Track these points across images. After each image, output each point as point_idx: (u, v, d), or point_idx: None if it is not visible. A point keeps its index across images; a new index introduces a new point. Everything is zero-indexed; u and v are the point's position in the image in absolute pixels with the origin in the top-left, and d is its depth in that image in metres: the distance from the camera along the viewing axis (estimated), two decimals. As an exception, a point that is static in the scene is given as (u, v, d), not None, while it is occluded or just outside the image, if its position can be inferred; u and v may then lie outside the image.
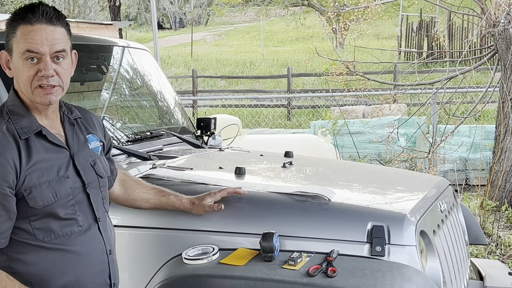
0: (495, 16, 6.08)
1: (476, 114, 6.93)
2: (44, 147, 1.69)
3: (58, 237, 1.68)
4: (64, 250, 1.69)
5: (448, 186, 2.92)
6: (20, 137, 1.65)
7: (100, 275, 1.78)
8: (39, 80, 1.66)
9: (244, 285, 1.92)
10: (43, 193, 1.65)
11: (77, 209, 1.73)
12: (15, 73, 1.70)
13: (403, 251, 2.05)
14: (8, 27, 1.70)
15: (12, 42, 1.68)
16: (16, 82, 1.72)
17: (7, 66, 1.72)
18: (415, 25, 18.06)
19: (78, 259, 1.72)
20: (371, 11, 7.95)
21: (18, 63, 1.67)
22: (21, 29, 1.66)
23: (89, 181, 1.78)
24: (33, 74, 1.66)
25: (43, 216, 1.66)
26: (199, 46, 26.74)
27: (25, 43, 1.65)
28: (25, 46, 1.65)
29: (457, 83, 7.75)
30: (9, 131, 1.65)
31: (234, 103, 15.33)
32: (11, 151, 1.62)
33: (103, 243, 1.80)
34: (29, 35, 1.65)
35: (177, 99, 3.73)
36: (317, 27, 25.71)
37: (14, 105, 1.71)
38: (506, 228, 5.64)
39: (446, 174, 7.33)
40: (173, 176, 2.43)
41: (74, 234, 1.71)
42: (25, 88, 1.68)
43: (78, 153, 1.78)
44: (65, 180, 1.70)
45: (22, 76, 1.67)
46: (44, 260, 1.66)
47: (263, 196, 2.28)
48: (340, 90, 10.36)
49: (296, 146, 4.74)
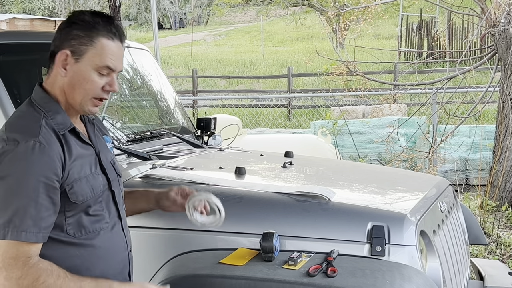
0: (495, 16, 6.08)
1: (476, 114, 6.94)
2: (78, 144, 1.72)
3: (88, 233, 1.70)
4: (92, 246, 1.70)
5: (448, 186, 2.92)
6: (59, 132, 1.67)
7: (122, 272, 1.81)
8: (103, 93, 1.71)
9: (244, 285, 1.92)
10: (83, 188, 1.67)
11: (104, 206, 1.75)
12: (76, 78, 1.69)
13: (403, 251, 2.05)
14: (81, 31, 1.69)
15: (86, 50, 1.68)
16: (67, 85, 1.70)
17: (64, 66, 1.70)
18: (415, 25, 18.06)
19: (104, 255, 1.73)
20: (371, 11, 7.96)
21: (89, 72, 1.68)
22: (103, 42, 1.69)
23: (112, 179, 1.81)
24: (101, 86, 1.70)
25: (78, 211, 1.67)
26: (199, 46, 26.73)
27: (106, 58, 1.69)
28: (106, 62, 1.69)
29: (457, 83, 7.75)
30: (49, 126, 1.66)
31: (234, 103, 15.33)
32: (56, 145, 1.63)
33: (125, 241, 1.83)
34: (110, 51, 1.69)
35: (177, 99, 3.73)
36: (317, 27, 25.70)
37: (46, 102, 1.71)
38: (506, 228, 5.64)
39: (446, 174, 7.33)
40: (173, 176, 2.43)
41: (102, 231, 1.73)
42: (84, 95, 1.70)
43: (101, 151, 1.82)
44: (97, 177, 1.73)
45: (89, 85, 1.68)
46: (73, 256, 1.67)
47: (263, 196, 2.28)
48: (340, 90, 10.36)
49: (296, 146, 4.73)
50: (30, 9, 30.16)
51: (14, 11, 28.54)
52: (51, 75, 1.74)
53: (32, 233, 1.55)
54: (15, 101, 2.45)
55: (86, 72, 1.69)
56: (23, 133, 1.61)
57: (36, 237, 1.56)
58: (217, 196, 2.31)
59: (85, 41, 1.68)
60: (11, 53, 2.67)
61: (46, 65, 1.77)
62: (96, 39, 1.69)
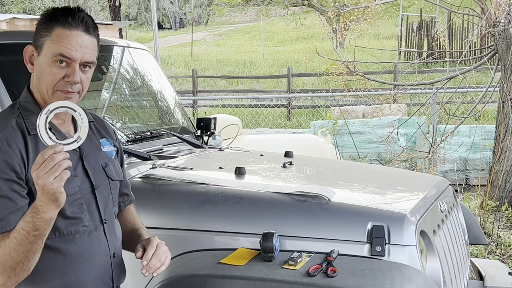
0: (495, 16, 6.08)
1: (476, 114, 6.94)
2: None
3: (62, 235, 1.68)
4: (66, 249, 1.69)
5: (448, 186, 2.92)
6: (29, 132, 1.66)
7: (102, 277, 1.77)
8: (64, 85, 1.68)
9: (244, 285, 1.92)
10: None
11: (85, 208, 1.73)
12: (39, 71, 1.70)
13: (403, 251, 2.06)
14: (42, 25, 1.71)
15: (45, 41, 1.68)
16: (36, 80, 1.72)
17: (30, 61, 1.72)
18: (415, 25, 18.06)
19: (80, 259, 1.71)
20: (371, 11, 7.96)
21: (46, 63, 1.68)
22: (58, 31, 1.67)
23: (99, 182, 1.78)
24: (59, 77, 1.68)
25: None
26: (199, 46, 26.73)
27: (59, 46, 1.66)
28: (59, 49, 1.66)
29: (457, 83, 7.75)
30: (18, 125, 1.66)
31: (234, 103, 15.33)
32: (19, 143, 1.63)
33: (107, 246, 1.79)
34: (65, 39, 1.66)
35: (177, 99, 3.73)
36: (317, 27, 25.71)
37: (26, 101, 1.72)
38: (506, 228, 5.64)
39: (446, 174, 7.33)
40: (173, 176, 2.43)
41: (78, 234, 1.71)
42: (46, 87, 1.69)
43: (89, 154, 1.79)
44: (72, 179, 1.69)
45: (48, 76, 1.68)
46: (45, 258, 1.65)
47: (263, 196, 2.28)
48: (340, 90, 10.36)
49: (296, 146, 4.73)
50: (30, 9, 30.16)
51: (14, 11, 28.54)
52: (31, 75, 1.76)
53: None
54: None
55: (44, 64, 1.68)
56: None
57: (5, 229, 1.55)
58: (217, 196, 2.31)
59: (44, 32, 1.69)
60: (11, 53, 2.66)
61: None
62: (52, 29, 1.68)
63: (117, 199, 1.90)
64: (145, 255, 1.72)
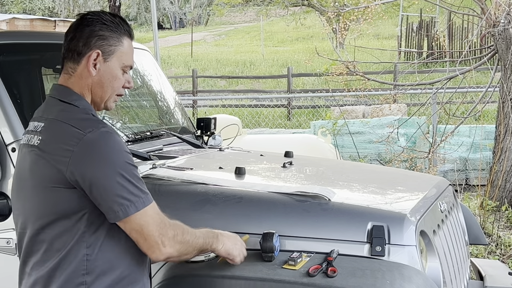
0: (495, 16, 6.08)
1: (476, 114, 6.94)
2: None
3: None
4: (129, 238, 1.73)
5: (448, 186, 2.92)
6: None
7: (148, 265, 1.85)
8: (123, 90, 1.84)
9: (244, 285, 1.92)
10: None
11: None
12: (106, 78, 1.78)
13: (403, 251, 2.05)
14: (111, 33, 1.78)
15: (117, 50, 1.79)
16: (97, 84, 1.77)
17: (93, 64, 1.76)
18: (415, 25, 18.06)
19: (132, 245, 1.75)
20: (371, 11, 7.96)
21: (116, 70, 1.80)
22: (127, 42, 1.82)
23: None
24: (123, 84, 1.83)
25: None
26: (199, 46, 26.73)
27: (129, 57, 1.83)
28: (129, 61, 1.83)
29: (457, 83, 7.75)
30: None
31: (234, 103, 15.33)
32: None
33: None
34: (131, 50, 1.84)
35: (177, 99, 3.73)
36: (317, 27, 25.70)
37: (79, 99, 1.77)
38: (506, 228, 5.64)
39: (446, 174, 7.33)
40: (173, 176, 2.43)
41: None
42: (111, 92, 1.80)
43: None
44: None
45: (117, 83, 1.81)
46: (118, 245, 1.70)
47: (263, 196, 2.28)
48: (340, 90, 10.36)
49: (296, 146, 4.74)
50: (30, 9, 30.15)
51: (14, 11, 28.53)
52: (75, 74, 1.77)
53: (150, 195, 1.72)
54: (15, 101, 2.45)
55: (114, 71, 1.78)
56: (94, 122, 1.68)
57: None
58: (217, 196, 2.31)
59: (114, 41, 1.78)
60: (11, 53, 2.66)
61: (46, 65, 1.79)
62: (123, 39, 1.80)
63: None
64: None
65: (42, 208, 1.67)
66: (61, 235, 1.66)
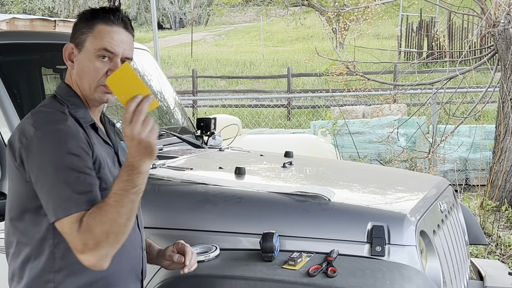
0: (495, 16, 6.09)
1: (476, 114, 6.94)
2: (97, 140, 1.75)
3: None
4: None
5: (448, 186, 2.92)
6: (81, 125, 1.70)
7: (135, 268, 1.81)
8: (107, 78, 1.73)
9: (244, 285, 1.92)
10: (107, 176, 1.69)
11: None
12: (81, 68, 1.73)
13: (403, 251, 2.06)
14: (82, 23, 1.75)
15: (86, 38, 1.73)
16: (76, 76, 1.75)
17: (69, 58, 1.76)
18: (415, 25, 18.05)
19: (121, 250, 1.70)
20: (371, 11, 7.96)
21: (89, 58, 1.72)
22: (100, 27, 1.72)
23: None
24: (103, 72, 1.71)
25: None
26: (199, 46, 26.73)
27: (103, 41, 1.71)
28: (102, 44, 1.71)
29: (457, 83, 7.75)
30: (73, 116, 1.70)
31: (234, 103, 15.33)
32: (82, 132, 1.67)
33: (140, 238, 1.84)
34: (108, 34, 1.72)
35: (177, 99, 3.73)
36: (317, 27, 25.70)
37: (71, 96, 1.75)
38: (506, 228, 5.64)
39: (446, 174, 7.33)
40: (173, 176, 2.43)
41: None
42: (89, 82, 1.72)
43: (119, 152, 1.85)
44: (114, 171, 1.75)
45: (92, 71, 1.71)
46: None
47: (263, 196, 2.28)
48: (340, 90, 10.36)
49: (296, 146, 4.74)
50: (30, 9, 30.15)
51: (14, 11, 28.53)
52: (67, 71, 1.79)
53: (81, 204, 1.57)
54: (15, 101, 2.45)
55: (87, 59, 1.72)
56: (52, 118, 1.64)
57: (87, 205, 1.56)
58: (217, 196, 2.32)
59: (85, 30, 1.73)
60: (11, 53, 2.66)
61: (46, 65, 1.79)
62: (94, 26, 1.73)
63: None
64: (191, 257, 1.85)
65: (11, 200, 1.69)
66: (29, 229, 1.66)
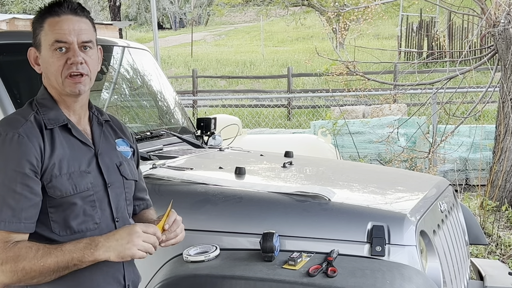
0: (495, 16, 6.08)
1: (476, 114, 6.94)
2: (68, 141, 1.73)
3: (74, 233, 1.69)
4: None
5: (448, 186, 2.92)
6: (46, 127, 1.69)
7: (114, 275, 1.79)
8: (69, 68, 1.70)
9: (244, 285, 1.92)
10: (63, 184, 1.67)
11: (97, 206, 1.74)
12: (45, 66, 1.73)
13: (403, 251, 2.06)
14: (35, 23, 1.75)
15: (40, 36, 1.72)
16: (45, 77, 1.75)
17: (36, 62, 1.76)
18: (415, 25, 18.06)
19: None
20: (371, 11, 7.95)
21: (47, 55, 1.71)
22: (48, 21, 1.71)
23: (112, 181, 1.79)
24: (63, 64, 1.70)
25: (62, 209, 1.67)
26: (199, 46, 26.73)
27: (53, 34, 1.70)
28: (53, 37, 1.69)
29: (457, 83, 7.75)
30: (36, 121, 1.69)
31: (234, 103, 15.33)
32: (37, 138, 1.66)
33: None
34: (56, 25, 1.70)
35: (177, 99, 3.73)
36: (317, 27, 25.70)
37: (43, 98, 1.76)
38: (506, 228, 5.64)
39: (446, 174, 7.33)
40: (173, 176, 2.43)
41: (89, 232, 1.72)
42: (55, 78, 1.72)
43: (104, 152, 1.81)
44: (86, 175, 1.72)
45: (53, 67, 1.71)
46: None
47: (263, 196, 2.28)
48: (340, 90, 10.36)
49: (296, 146, 4.73)
50: (30, 9, 30.15)
51: (14, 11, 28.54)
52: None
53: (12, 223, 1.58)
54: (15, 101, 2.45)
55: (47, 57, 1.71)
56: (8, 126, 1.66)
57: (17, 227, 1.59)
58: (217, 196, 2.32)
59: (37, 29, 1.74)
60: (11, 53, 2.67)
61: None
62: (44, 22, 1.72)
63: (131, 199, 1.90)
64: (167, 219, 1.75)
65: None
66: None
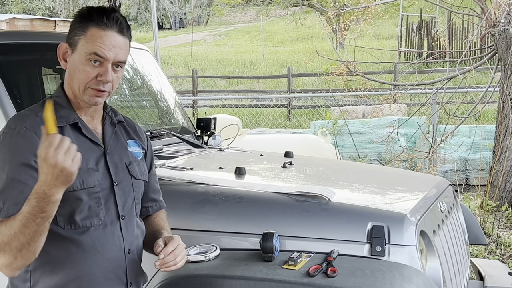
0: (495, 16, 6.09)
1: (476, 114, 6.94)
2: (77, 139, 1.74)
3: (78, 228, 1.71)
4: (79, 241, 1.71)
5: (448, 186, 2.92)
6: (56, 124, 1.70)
7: (115, 271, 1.79)
8: (97, 84, 1.72)
9: (244, 285, 1.92)
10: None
11: (102, 203, 1.75)
12: (72, 68, 1.74)
13: (403, 251, 2.06)
14: (76, 24, 1.75)
15: (79, 40, 1.72)
16: (69, 76, 1.76)
17: (63, 58, 1.77)
18: (415, 25, 18.06)
19: (92, 251, 1.73)
20: (371, 11, 7.96)
21: (80, 61, 1.72)
22: (93, 30, 1.72)
23: (119, 179, 1.81)
24: (92, 76, 1.71)
25: (68, 203, 1.68)
26: (199, 46, 26.73)
27: (93, 46, 1.70)
28: (93, 48, 1.70)
29: (457, 83, 7.75)
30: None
31: (234, 103, 15.33)
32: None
33: (121, 241, 1.81)
34: (100, 39, 1.71)
35: (177, 99, 3.73)
36: (317, 27, 25.70)
37: (58, 96, 1.78)
38: (506, 228, 5.64)
39: (446, 174, 7.33)
40: (173, 176, 2.43)
41: (93, 227, 1.73)
42: (78, 84, 1.73)
43: (114, 152, 1.83)
44: (93, 173, 1.74)
45: (82, 75, 1.72)
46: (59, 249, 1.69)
47: (263, 196, 2.28)
48: (340, 90, 10.36)
49: (296, 146, 4.74)
50: (30, 9, 30.15)
51: (14, 11, 28.53)
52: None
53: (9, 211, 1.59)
54: (15, 101, 2.45)
55: (78, 62, 1.72)
56: (18, 120, 1.70)
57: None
58: (217, 196, 2.32)
59: (78, 31, 1.73)
60: (11, 53, 2.67)
61: (46, 65, 1.79)
62: (87, 29, 1.72)
63: (140, 198, 1.91)
64: (164, 249, 1.74)
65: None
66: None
